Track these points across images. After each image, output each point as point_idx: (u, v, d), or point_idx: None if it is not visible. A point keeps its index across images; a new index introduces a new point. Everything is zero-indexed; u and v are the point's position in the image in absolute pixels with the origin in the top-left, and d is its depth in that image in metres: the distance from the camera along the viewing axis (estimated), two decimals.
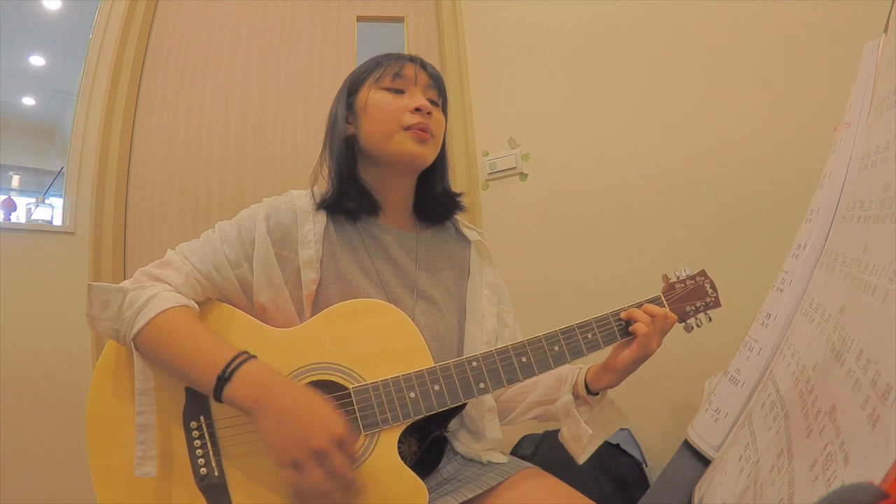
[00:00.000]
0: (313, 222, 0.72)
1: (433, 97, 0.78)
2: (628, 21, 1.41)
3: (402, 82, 0.76)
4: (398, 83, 0.75)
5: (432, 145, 0.76)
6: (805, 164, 1.06)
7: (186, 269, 0.67)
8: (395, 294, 0.74)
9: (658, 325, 0.68)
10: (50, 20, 2.45)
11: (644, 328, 0.67)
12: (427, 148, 0.75)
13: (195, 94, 1.77)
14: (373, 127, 0.75)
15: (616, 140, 1.41)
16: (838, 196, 0.57)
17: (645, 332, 0.67)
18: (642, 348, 0.67)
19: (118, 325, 0.62)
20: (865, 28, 0.67)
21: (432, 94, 0.78)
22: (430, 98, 0.77)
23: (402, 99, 0.75)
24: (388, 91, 0.75)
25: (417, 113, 0.73)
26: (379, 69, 0.77)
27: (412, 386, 0.63)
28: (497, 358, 0.66)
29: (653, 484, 0.62)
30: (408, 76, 0.76)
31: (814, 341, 0.42)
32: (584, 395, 0.74)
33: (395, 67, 0.76)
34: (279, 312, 0.70)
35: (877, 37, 0.63)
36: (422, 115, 0.73)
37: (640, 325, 0.68)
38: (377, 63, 0.78)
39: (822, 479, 0.27)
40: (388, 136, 0.73)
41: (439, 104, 0.79)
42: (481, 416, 0.77)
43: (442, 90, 0.80)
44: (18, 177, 2.30)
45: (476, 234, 0.86)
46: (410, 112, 0.73)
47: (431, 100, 0.77)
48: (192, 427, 0.63)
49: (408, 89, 0.76)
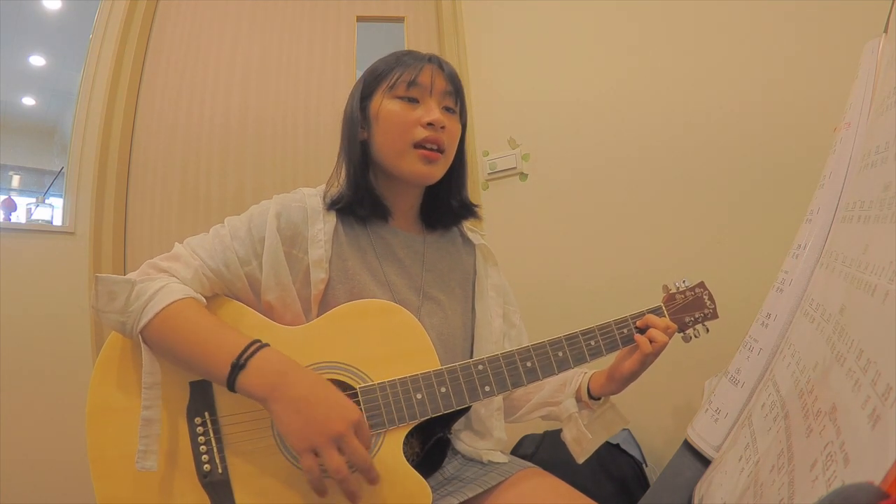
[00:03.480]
0: (323, 222, 0.72)
1: (449, 104, 0.76)
2: (628, 21, 1.41)
3: (417, 91, 0.73)
4: (413, 92, 0.73)
5: (442, 162, 0.75)
6: (805, 164, 1.06)
7: (196, 264, 0.67)
8: (402, 295, 0.74)
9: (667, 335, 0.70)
10: (50, 20, 2.45)
11: (663, 337, 0.69)
12: (435, 167, 0.74)
13: (195, 95, 1.77)
14: (383, 140, 0.73)
15: (616, 140, 1.41)
16: (838, 196, 0.56)
17: (664, 341, 0.69)
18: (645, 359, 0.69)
19: (125, 318, 0.62)
20: (865, 28, 0.67)
21: (448, 101, 0.76)
22: (447, 105, 0.75)
23: (416, 111, 0.73)
24: (402, 100, 0.73)
25: (429, 128, 0.72)
26: (395, 73, 0.73)
27: (419, 387, 0.64)
28: (503, 362, 0.66)
29: (653, 484, 0.62)
30: (423, 84, 0.73)
31: (814, 341, 0.42)
32: (586, 400, 0.75)
33: (411, 74, 0.73)
34: (286, 311, 0.70)
35: (877, 37, 0.63)
36: (434, 130, 0.72)
37: (656, 332, 0.69)
38: (396, 62, 0.75)
39: (822, 479, 0.27)
40: (398, 153, 0.73)
41: (455, 110, 0.77)
42: (490, 416, 0.77)
43: (459, 92, 0.77)
44: (18, 177, 2.31)
45: (480, 238, 0.87)
46: (423, 126, 0.72)
47: (447, 107, 0.75)
48: (196, 423, 0.63)
49: (423, 99, 0.73)
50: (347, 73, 1.81)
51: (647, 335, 0.69)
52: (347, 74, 1.81)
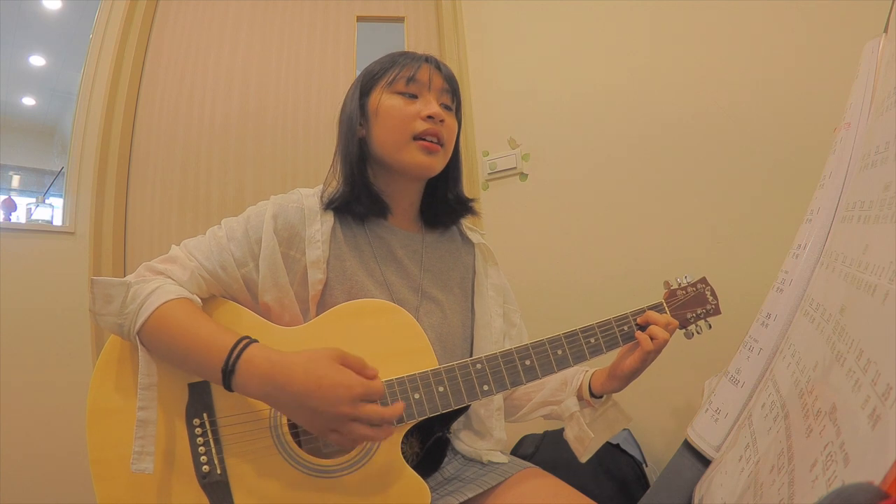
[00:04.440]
0: (321, 222, 0.72)
1: (447, 101, 0.77)
2: (628, 22, 1.41)
3: (416, 87, 0.74)
4: (412, 87, 0.74)
5: (442, 154, 0.76)
6: (805, 164, 1.07)
7: (192, 266, 0.67)
8: (400, 295, 0.74)
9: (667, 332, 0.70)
10: (50, 20, 2.45)
11: (664, 333, 0.68)
12: (436, 158, 0.74)
13: (195, 95, 1.77)
14: (383, 133, 0.74)
15: (616, 140, 1.41)
16: (838, 196, 0.57)
17: (665, 338, 0.68)
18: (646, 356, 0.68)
19: (122, 320, 0.62)
20: (865, 28, 0.67)
21: (446, 98, 0.77)
22: (444, 103, 0.76)
23: (415, 105, 0.73)
24: (401, 95, 0.74)
25: (429, 120, 0.73)
26: (393, 70, 0.75)
27: (416, 387, 0.63)
28: (501, 361, 0.66)
29: (653, 484, 0.62)
30: (422, 80, 0.74)
31: (814, 341, 0.42)
32: (587, 399, 0.75)
33: (410, 70, 0.74)
34: (284, 312, 0.70)
35: (877, 37, 0.63)
36: (433, 123, 0.73)
37: (657, 328, 0.69)
38: (392, 62, 0.76)
39: (822, 480, 0.27)
40: (398, 146, 0.73)
41: (452, 108, 0.78)
42: (490, 416, 0.77)
43: (456, 92, 0.79)
44: (18, 177, 2.31)
45: (479, 237, 0.87)
46: (422, 119, 0.72)
47: (445, 104, 0.76)
48: (194, 424, 0.63)
49: (421, 94, 0.74)
50: (347, 74, 1.81)
51: (648, 332, 0.69)
52: (347, 74, 1.80)
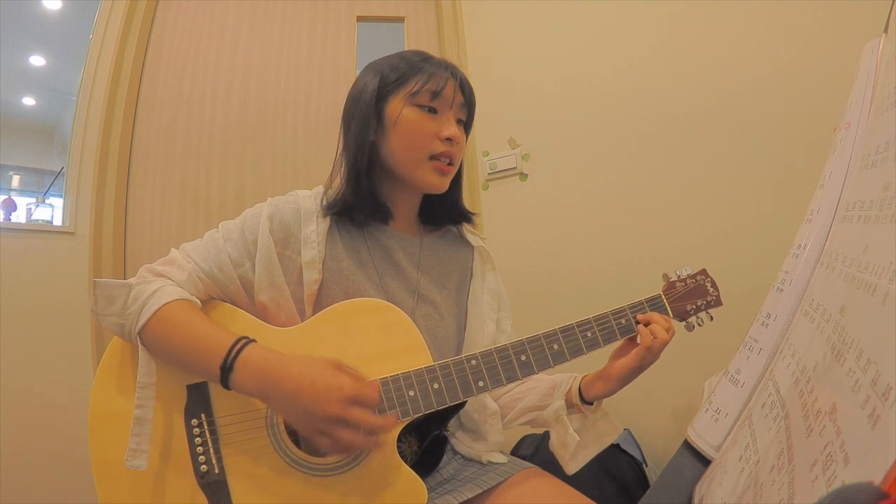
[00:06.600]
0: (317, 223, 0.72)
1: (462, 116, 0.77)
2: (629, 22, 1.41)
3: (439, 103, 0.73)
4: (435, 103, 0.72)
5: (451, 174, 0.76)
6: (805, 164, 1.07)
7: (190, 267, 0.68)
8: (396, 296, 0.74)
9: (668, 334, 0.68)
10: (50, 20, 2.45)
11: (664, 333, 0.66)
12: (446, 179, 0.75)
13: (195, 94, 1.77)
14: (400, 147, 0.73)
15: (616, 140, 1.41)
16: (838, 196, 0.56)
17: (665, 339, 0.66)
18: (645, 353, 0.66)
19: (123, 320, 0.63)
20: (865, 28, 0.67)
21: (462, 113, 0.76)
22: (459, 118, 0.76)
23: (435, 122, 0.72)
24: (422, 109, 0.72)
25: (447, 142, 0.72)
26: (417, 79, 0.72)
27: (411, 384, 0.63)
28: (496, 357, 0.65)
29: (653, 484, 0.62)
30: (446, 97, 0.73)
31: (814, 341, 0.42)
32: (577, 404, 0.72)
33: (435, 84, 0.72)
34: (280, 311, 0.70)
35: (877, 37, 0.63)
36: (450, 145, 0.73)
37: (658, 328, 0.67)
38: (416, 70, 0.73)
39: (822, 480, 0.27)
40: (414, 163, 0.73)
41: (464, 121, 0.78)
42: (484, 421, 0.77)
43: (472, 108, 0.79)
44: (18, 177, 2.31)
45: (479, 240, 0.86)
46: (441, 140, 0.72)
47: (459, 119, 0.76)
48: (192, 424, 0.63)
49: (442, 111, 0.73)
50: (347, 74, 1.81)
51: (650, 329, 0.68)
52: (347, 74, 1.80)
